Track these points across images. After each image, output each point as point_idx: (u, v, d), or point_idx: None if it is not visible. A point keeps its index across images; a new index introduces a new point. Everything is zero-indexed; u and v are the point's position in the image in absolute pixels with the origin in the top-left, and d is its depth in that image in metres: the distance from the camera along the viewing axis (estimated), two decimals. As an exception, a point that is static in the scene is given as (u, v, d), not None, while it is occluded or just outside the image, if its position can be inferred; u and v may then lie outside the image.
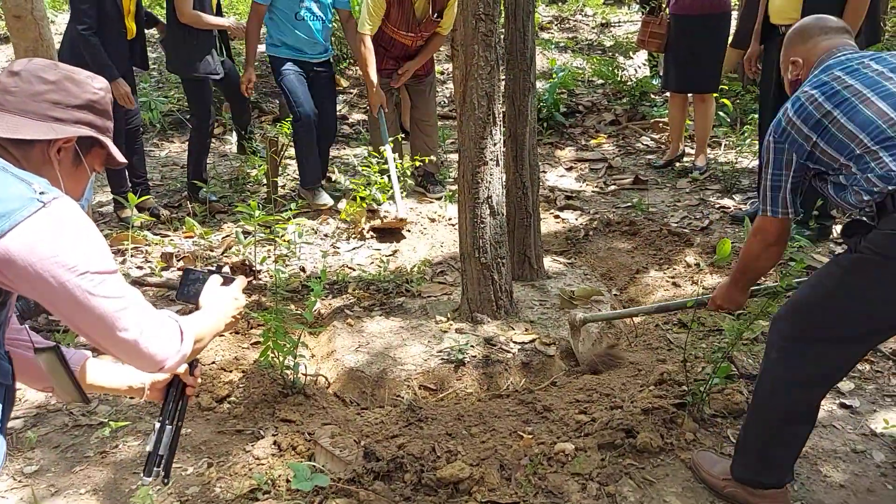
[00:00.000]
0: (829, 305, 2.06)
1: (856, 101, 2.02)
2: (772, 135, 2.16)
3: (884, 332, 2.07)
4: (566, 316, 3.29)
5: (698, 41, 4.94)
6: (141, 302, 1.42)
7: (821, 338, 2.07)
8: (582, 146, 6.26)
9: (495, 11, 3.10)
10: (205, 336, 1.57)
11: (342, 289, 3.85)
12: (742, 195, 4.89)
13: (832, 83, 2.08)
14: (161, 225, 4.77)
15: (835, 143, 2.02)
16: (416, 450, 2.48)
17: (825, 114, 2.04)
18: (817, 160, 2.09)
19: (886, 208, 1.93)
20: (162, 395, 1.71)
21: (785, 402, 2.15)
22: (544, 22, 9.54)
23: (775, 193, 2.16)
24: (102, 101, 1.52)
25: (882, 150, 1.93)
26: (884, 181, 1.91)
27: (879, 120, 1.96)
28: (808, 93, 2.10)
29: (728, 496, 2.31)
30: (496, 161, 3.26)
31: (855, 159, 1.98)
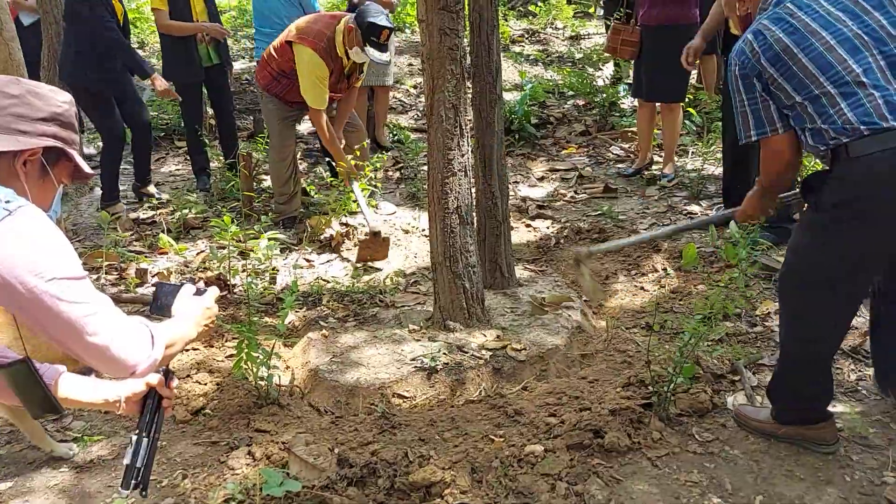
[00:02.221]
0: (815, 266, 2.23)
1: (815, 42, 2.13)
2: (736, 66, 2.26)
3: (871, 268, 2.27)
4: (575, 257, 3.36)
5: (666, 51, 5.00)
6: (111, 307, 1.43)
7: (819, 291, 2.27)
8: (553, 156, 6.36)
9: (460, 26, 3.17)
10: (176, 342, 1.59)
11: (317, 301, 3.89)
12: (709, 201, 5.00)
13: (788, 19, 2.19)
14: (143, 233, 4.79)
15: (794, 82, 2.14)
16: (389, 455, 2.52)
17: (784, 49, 2.15)
18: (771, 94, 2.20)
19: (839, 157, 2.10)
20: (138, 408, 1.69)
21: (807, 358, 2.39)
22: (515, 35, 9.67)
23: (756, 115, 2.26)
24: (67, 113, 1.53)
25: (840, 98, 2.07)
26: (837, 133, 2.06)
27: (839, 66, 2.10)
28: (768, 27, 2.20)
29: (783, 436, 2.53)
30: (464, 171, 3.32)
31: (812, 99, 2.11)
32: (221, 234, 3.91)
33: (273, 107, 4.76)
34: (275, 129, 4.80)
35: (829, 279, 2.24)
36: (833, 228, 2.17)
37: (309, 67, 4.40)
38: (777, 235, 4.11)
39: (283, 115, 4.75)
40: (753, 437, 2.63)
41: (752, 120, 2.28)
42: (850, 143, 2.06)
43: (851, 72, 2.09)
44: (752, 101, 2.26)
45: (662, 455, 2.54)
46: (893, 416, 2.71)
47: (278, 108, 4.74)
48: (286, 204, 4.92)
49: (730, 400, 2.85)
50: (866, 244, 2.17)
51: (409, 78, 8.25)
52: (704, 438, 2.63)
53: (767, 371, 3.05)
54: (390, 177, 5.97)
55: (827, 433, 2.52)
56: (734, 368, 3.04)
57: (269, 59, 4.64)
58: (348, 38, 4.40)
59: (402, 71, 8.40)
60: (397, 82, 7.85)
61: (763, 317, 3.48)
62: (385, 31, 4.32)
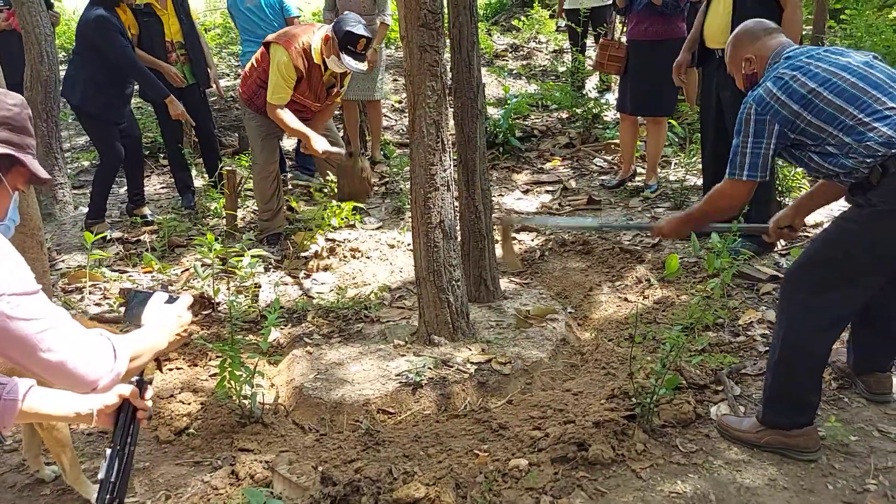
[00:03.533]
0: (848, 255, 2.37)
1: (837, 81, 2.37)
2: (752, 109, 2.46)
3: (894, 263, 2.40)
4: (501, 223, 3.50)
5: (654, 66, 5.03)
6: (67, 321, 1.38)
7: (842, 284, 2.39)
8: (538, 169, 6.39)
9: (440, 43, 3.20)
10: (143, 354, 1.53)
11: (301, 317, 3.88)
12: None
13: (807, 67, 2.43)
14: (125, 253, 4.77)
15: (823, 116, 2.36)
16: (373, 473, 2.52)
17: (811, 90, 2.38)
18: (802, 131, 2.40)
19: (889, 169, 2.26)
20: (112, 420, 1.63)
21: (813, 349, 2.47)
22: (499, 50, 9.74)
23: (755, 160, 2.47)
24: (18, 117, 1.48)
25: (876, 122, 2.29)
26: (885, 146, 2.26)
27: (864, 97, 2.33)
28: (789, 73, 2.43)
29: (766, 445, 2.58)
30: (447, 186, 3.34)
31: (846, 130, 2.33)
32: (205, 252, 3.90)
33: (255, 124, 4.76)
34: (258, 146, 4.80)
35: (859, 270, 2.38)
36: (881, 220, 2.33)
37: (279, 66, 4.43)
38: (758, 245, 4.14)
39: (265, 131, 4.76)
40: (737, 447, 2.64)
41: (748, 162, 2.49)
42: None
43: (878, 100, 2.33)
44: (756, 144, 2.47)
45: (646, 467, 2.55)
46: (875, 424, 2.73)
47: (261, 125, 4.74)
48: (270, 221, 4.92)
49: (713, 410, 2.86)
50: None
51: (394, 94, 8.29)
52: (688, 449, 2.64)
53: (751, 380, 3.08)
54: (376, 191, 5.98)
55: (809, 441, 2.54)
56: (717, 378, 3.06)
57: (252, 70, 4.66)
58: (326, 46, 4.43)
59: (387, 87, 8.43)
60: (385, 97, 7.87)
61: (745, 326, 3.50)
62: (362, 39, 4.34)
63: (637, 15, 5.12)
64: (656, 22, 5.04)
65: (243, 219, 5.38)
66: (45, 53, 5.41)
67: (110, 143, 5.12)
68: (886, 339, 2.82)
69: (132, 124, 5.34)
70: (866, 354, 2.87)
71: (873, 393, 2.87)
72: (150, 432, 2.92)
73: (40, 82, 5.44)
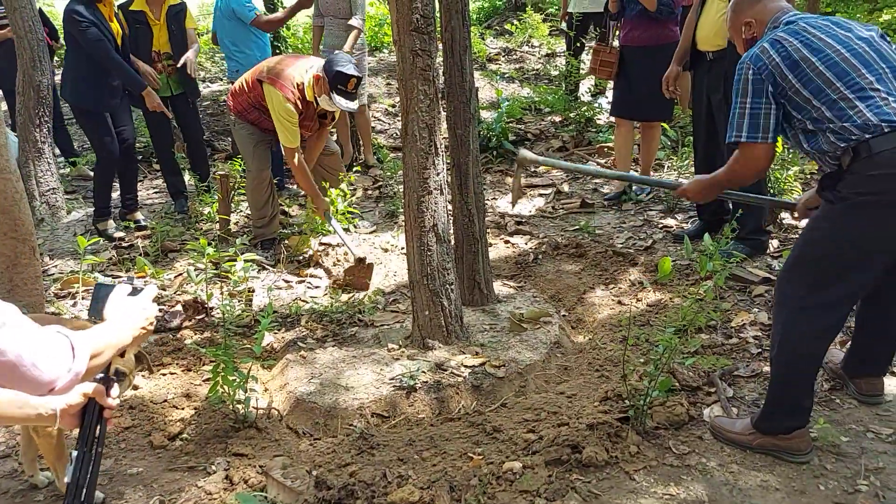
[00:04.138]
0: (831, 253, 2.35)
1: (830, 52, 2.35)
2: (749, 70, 2.42)
3: (881, 258, 2.37)
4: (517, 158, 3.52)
5: (647, 71, 4.99)
6: (17, 320, 1.30)
7: (832, 282, 2.37)
8: (531, 173, 6.40)
9: (432, 47, 3.21)
10: (105, 350, 1.45)
11: (295, 321, 3.88)
12: (684, 214, 5.05)
13: (804, 34, 2.40)
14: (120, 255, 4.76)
15: (811, 86, 2.34)
16: (367, 476, 2.52)
17: (803, 58, 2.36)
18: (789, 99, 2.38)
19: (860, 154, 2.24)
20: (77, 421, 1.52)
21: (811, 352, 2.46)
22: (492, 54, 9.77)
23: (755, 119, 2.42)
24: None
25: (858, 100, 2.26)
26: (860, 130, 2.23)
27: (853, 73, 2.31)
28: (785, 38, 2.41)
29: (758, 447, 2.59)
30: (440, 190, 3.35)
31: (830, 104, 2.30)
32: (198, 257, 3.90)
33: (246, 132, 4.77)
34: (249, 154, 4.80)
35: (844, 266, 2.36)
36: (853, 213, 2.30)
37: (278, 110, 4.46)
38: (751, 247, 4.16)
39: (257, 138, 4.76)
40: (729, 449, 2.65)
41: (747, 122, 2.44)
42: (872, 139, 2.23)
43: (865, 78, 2.31)
44: (755, 105, 2.42)
45: (640, 469, 2.56)
46: (866, 425, 2.75)
47: (251, 133, 4.75)
48: (264, 227, 4.92)
49: (706, 412, 2.88)
50: (881, 230, 2.31)
51: (387, 97, 8.30)
52: (681, 451, 2.65)
53: (743, 382, 3.09)
54: (369, 195, 5.99)
55: (801, 443, 2.55)
56: (710, 380, 3.07)
57: (241, 91, 4.68)
58: (317, 86, 4.44)
59: (380, 91, 8.45)
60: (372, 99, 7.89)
61: (738, 328, 3.52)
62: (352, 79, 4.35)
63: (630, 21, 5.09)
64: (650, 27, 4.99)
65: (236, 223, 5.38)
66: (37, 59, 5.40)
67: (103, 138, 5.11)
68: (881, 342, 2.83)
69: (127, 128, 5.33)
70: (861, 357, 2.88)
71: (864, 394, 2.89)
72: (144, 438, 2.91)
73: (33, 87, 5.43)
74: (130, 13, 5.25)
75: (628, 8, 5.08)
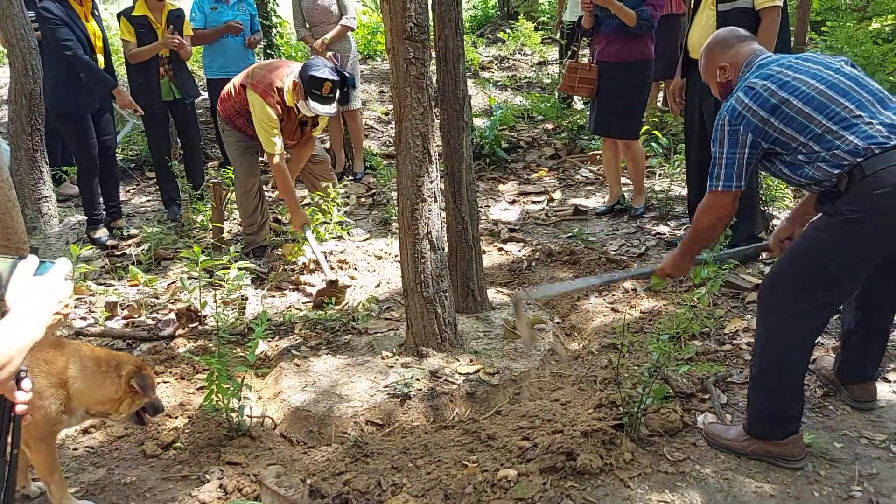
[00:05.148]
0: (820, 263, 2.39)
1: (805, 89, 2.40)
2: (725, 120, 2.49)
3: (867, 268, 2.43)
4: (513, 301, 3.46)
5: (621, 88, 4.97)
6: None
7: (816, 291, 2.41)
8: (524, 180, 6.42)
9: (426, 55, 3.22)
10: (12, 358, 1.21)
11: (289, 329, 3.87)
12: (676, 221, 5.07)
13: (778, 76, 2.45)
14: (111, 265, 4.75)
15: (794, 125, 2.40)
16: (361, 485, 2.51)
17: (781, 100, 2.41)
18: (774, 140, 2.43)
19: (855, 177, 2.29)
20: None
21: (793, 357, 2.49)
22: (485, 62, 9.80)
23: (730, 170, 2.49)
24: None
25: (843, 130, 2.33)
26: (851, 155, 2.30)
27: (833, 105, 2.37)
28: (760, 83, 2.46)
29: (752, 454, 2.60)
30: (434, 197, 3.35)
31: (816, 138, 2.35)
32: (191, 265, 3.89)
33: (233, 139, 4.77)
34: (237, 161, 4.80)
35: (833, 277, 2.40)
36: (849, 229, 2.35)
37: (259, 115, 4.44)
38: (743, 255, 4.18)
39: (244, 146, 4.75)
40: (723, 456, 2.66)
41: (724, 172, 2.51)
42: (864, 162, 2.28)
43: (845, 108, 2.36)
44: (730, 155, 2.49)
45: (634, 476, 2.55)
46: (860, 431, 2.76)
47: (239, 140, 4.75)
48: (255, 234, 4.91)
49: (700, 419, 2.88)
50: (875, 243, 2.36)
51: (381, 105, 8.31)
52: (676, 458, 2.65)
53: (737, 389, 3.10)
54: (363, 203, 5.99)
55: (795, 449, 2.56)
56: (704, 387, 3.08)
57: (228, 96, 4.67)
58: (295, 91, 4.42)
59: (373, 98, 8.46)
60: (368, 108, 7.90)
61: (731, 335, 3.53)
62: (326, 83, 4.31)
63: (606, 36, 4.97)
64: (628, 43, 4.90)
65: (230, 231, 5.37)
66: (29, 67, 5.39)
67: (83, 143, 5.10)
68: (869, 345, 2.85)
69: (111, 137, 5.33)
70: (852, 364, 2.89)
71: (857, 400, 2.90)
72: (137, 447, 2.90)
73: (24, 95, 5.42)
74: (134, 18, 5.28)
75: (603, 24, 4.97)
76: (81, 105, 5.03)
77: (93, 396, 2.43)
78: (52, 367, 2.35)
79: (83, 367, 2.41)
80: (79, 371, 2.40)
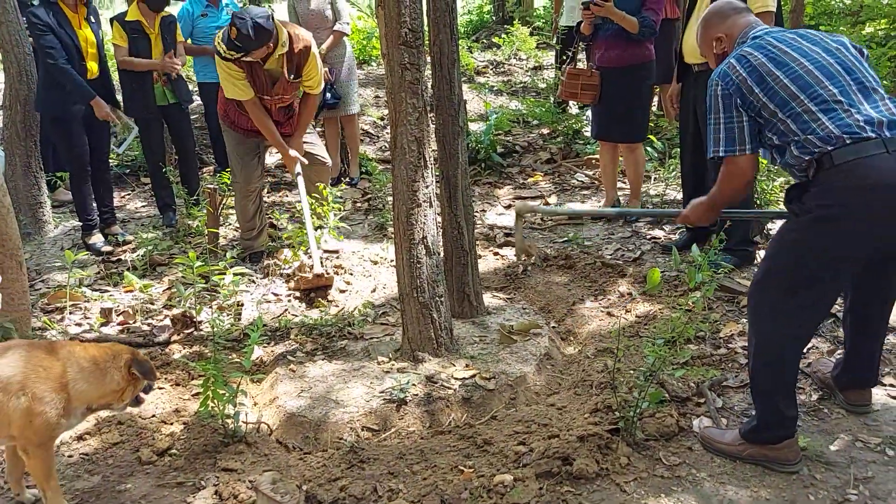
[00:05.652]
0: (798, 263, 2.38)
1: (794, 66, 2.40)
2: (719, 86, 2.49)
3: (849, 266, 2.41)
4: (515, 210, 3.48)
5: (624, 92, 4.97)
6: None
7: (801, 289, 2.39)
8: (520, 184, 6.43)
9: (421, 61, 3.22)
10: None
11: (284, 335, 3.87)
12: (671, 225, 5.08)
13: (769, 48, 2.46)
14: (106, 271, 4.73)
15: (777, 99, 2.39)
16: (357, 491, 2.51)
17: (768, 72, 2.41)
18: (756, 111, 2.43)
19: (823, 165, 2.27)
20: None
21: (785, 358, 2.49)
22: (480, 66, 9.82)
23: (730, 133, 2.48)
24: None
25: (821, 113, 2.30)
26: (823, 142, 2.28)
27: (817, 86, 2.36)
28: (751, 52, 2.47)
29: (748, 458, 2.60)
30: (429, 203, 3.35)
31: (794, 117, 2.35)
32: (187, 270, 3.89)
33: (233, 142, 4.76)
34: (237, 164, 4.79)
35: (812, 276, 2.37)
36: (817, 227, 2.33)
37: (220, 68, 4.43)
38: (739, 258, 4.19)
39: (243, 148, 4.74)
40: (719, 460, 2.66)
41: (723, 137, 2.49)
42: (834, 151, 2.27)
43: (829, 91, 2.35)
44: (727, 119, 2.48)
45: (630, 480, 2.56)
46: (855, 434, 2.76)
47: (237, 142, 4.74)
48: (252, 240, 4.91)
49: (696, 423, 2.88)
50: (848, 241, 2.32)
51: (376, 109, 8.32)
52: (671, 462, 2.65)
53: (733, 392, 3.10)
54: (359, 208, 6.00)
55: (790, 453, 2.56)
56: (699, 391, 3.08)
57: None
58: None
59: (369, 102, 8.47)
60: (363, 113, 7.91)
61: (727, 339, 3.54)
62: (233, 29, 4.14)
63: (605, 41, 4.97)
64: (628, 47, 4.91)
65: (225, 237, 5.36)
66: (23, 72, 5.38)
67: (73, 147, 5.09)
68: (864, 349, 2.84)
69: (104, 142, 5.32)
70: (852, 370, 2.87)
71: (852, 404, 2.90)
72: (132, 454, 2.89)
73: (19, 101, 5.41)
74: (127, 24, 5.27)
75: (602, 29, 4.97)
76: (69, 110, 5.01)
77: (96, 393, 2.47)
78: (50, 372, 2.35)
79: (81, 368, 2.42)
80: (78, 372, 2.41)
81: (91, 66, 5.05)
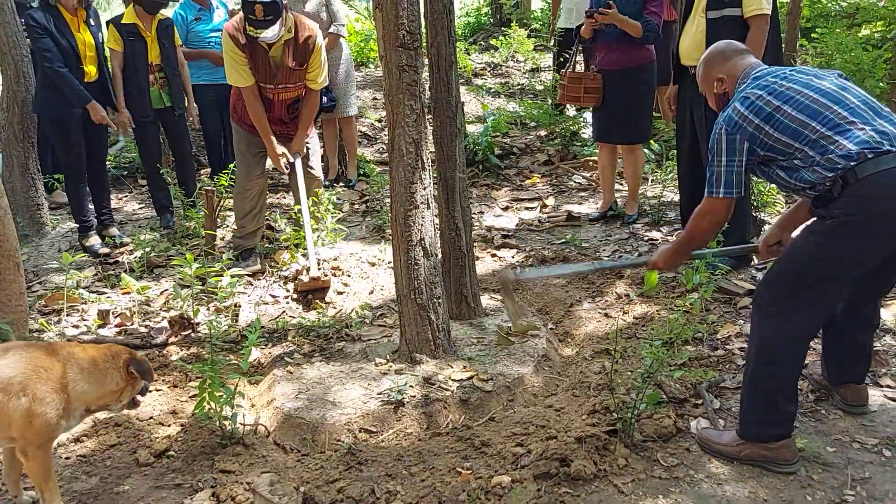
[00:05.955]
0: (814, 264, 2.44)
1: (799, 97, 2.49)
2: (723, 129, 2.56)
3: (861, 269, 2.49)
4: (500, 281, 3.50)
5: (626, 94, 4.98)
6: None
7: (810, 291, 2.46)
8: (517, 186, 6.44)
9: (419, 63, 3.23)
10: None
11: (282, 336, 3.87)
12: (669, 227, 5.09)
13: (773, 86, 2.53)
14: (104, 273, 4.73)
15: (788, 132, 2.47)
16: (355, 493, 2.51)
17: (775, 108, 2.49)
18: (770, 147, 2.50)
19: (848, 181, 2.34)
20: None
21: (787, 359, 2.53)
22: (477, 69, 9.83)
23: (729, 177, 2.56)
24: None
25: (837, 135, 2.40)
26: (845, 159, 2.35)
27: (826, 111, 2.44)
28: (755, 93, 2.54)
29: (746, 458, 2.62)
30: (427, 204, 3.36)
31: (810, 144, 2.43)
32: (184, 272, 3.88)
33: (238, 137, 4.78)
34: (241, 160, 4.80)
35: (826, 276, 2.45)
36: (841, 231, 2.40)
37: (223, 47, 4.46)
38: (736, 260, 4.20)
39: (245, 145, 4.75)
40: (717, 461, 2.66)
41: (723, 180, 2.58)
42: (857, 166, 2.34)
43: (839, 114, 2.42)
44: (729, 162, 2.56)
45: (628, 481, 2.56)
46: (852, 435, 2.77)
47: (245, 139, 4.75)
48: (244, 238, 4.89)
49: (693, 424, 2.89)
50: (865, 247, 2.42)
51: (374, 111, 8.32)
52: (669, 463, 2.66)
53: (730, 394, 3.11)
54: (356, 210, 6.00)
55: (788, 453, 2.57)
56: (697, 392, 3.09)
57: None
58: (242, 21, 4.37)
59: (367, 104, 8.47)
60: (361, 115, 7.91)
61: (724, 340, 3.54)
62: (258, 6, 4.18)
63: (606, 44, 4.99)
64: (629, 50, 4.92)
65: (222, 238, 5.36)
66: (21, 74, 5.38)
67: (69, 149, 5.09)
68: (853, 351, 2.87)
69: (101, 143, 5.32)
70: (838, 367, 2.93)
71: (849, 404, 2.91)
72: (130, 455, 2.88)
73: (17, 103, 5.40)
74: (123, 26, 5.26)
75: (602, 32, 4.97)
76: (67, 112, 5.01)
77: (96, 394, 2.47)
78: (51, 372, 2.35)
79: (81, 369, 2.43)
80: (78, 373, 2.41)
81: (89, 70, 5.06)
